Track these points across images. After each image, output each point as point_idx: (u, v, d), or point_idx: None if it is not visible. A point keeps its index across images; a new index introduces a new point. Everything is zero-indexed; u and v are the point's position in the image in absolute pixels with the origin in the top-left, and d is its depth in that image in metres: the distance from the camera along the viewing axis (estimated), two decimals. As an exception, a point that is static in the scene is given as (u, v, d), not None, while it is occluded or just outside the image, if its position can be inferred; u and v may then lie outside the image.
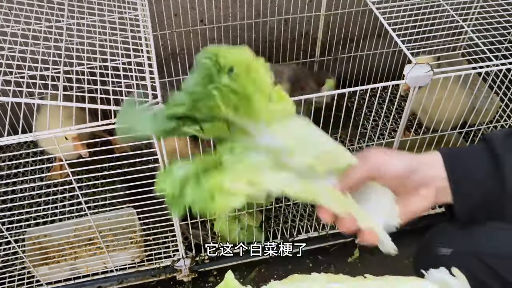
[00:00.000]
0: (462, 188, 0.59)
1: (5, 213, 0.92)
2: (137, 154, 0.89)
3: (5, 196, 1.17)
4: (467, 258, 0.72)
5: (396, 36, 0.96)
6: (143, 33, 0.90)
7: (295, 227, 1.24)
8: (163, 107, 0.54)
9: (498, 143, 0.59)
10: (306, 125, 0.56)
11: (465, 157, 0.61)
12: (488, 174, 0.58)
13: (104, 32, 0.90)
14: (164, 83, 1.44)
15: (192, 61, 1.44)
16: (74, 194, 0.89)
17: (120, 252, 1.13)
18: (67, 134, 1.01)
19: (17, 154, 1.24)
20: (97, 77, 0.87)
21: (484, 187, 0.59)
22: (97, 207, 1.23)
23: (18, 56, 0.80)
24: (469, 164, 0.60)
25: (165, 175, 0.53)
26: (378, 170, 0.59)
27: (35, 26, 0.89)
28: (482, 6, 1.13)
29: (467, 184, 0.59)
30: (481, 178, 0.59)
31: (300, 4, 1.36)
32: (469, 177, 0.59)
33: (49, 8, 0.92)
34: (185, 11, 1.32)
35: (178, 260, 1.15)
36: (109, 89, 0.77)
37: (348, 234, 0.60)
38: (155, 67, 0.84)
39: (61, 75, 0.76)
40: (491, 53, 0.94)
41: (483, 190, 0.59)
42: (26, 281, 1.11)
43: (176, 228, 1.03)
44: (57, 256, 1.13)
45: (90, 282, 1.14)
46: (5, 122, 0.84)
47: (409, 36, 0.98)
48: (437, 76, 0.89)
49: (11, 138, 0.75)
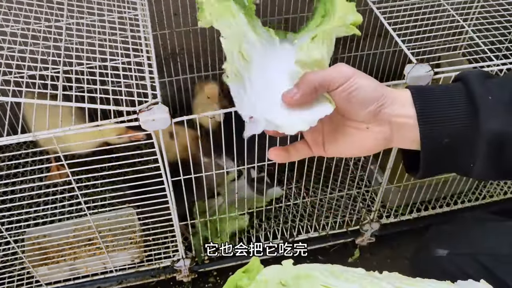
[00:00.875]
0: (432, 125, 0.53)
1: (4, 213, 0.92)
2: (137, 154, 0.89)
3: (4, 196, 1.16)
4: (463, 259, 0.72)
5: (396, 36, 0.96)
6: (143, 33, 0.89)
7: (295, 227, 1.24)
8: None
9: (475, 82, 0.54)
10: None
11: (437, 93, 0.55)
12: (462, 112, 0.53)
13: (103, 32, 0.89)
14: (164, 83, 1.44)
15: (192, 61, 1.44)
16: (73, 194, 0.89)
17: (119, 252, 1.13)
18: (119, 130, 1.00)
19: (16, 154, 1.23)
20: (96, 77, 0.86)
21: (456, 125, 0.53)
22: (96, 207, 1.23)
23: (17, 56, 0.79)
24: (442, 101, 0.54)
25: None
26: (342, 82, 0.52)
27: (34, 25, 0.89)
28: (483, 5, 1.13)
29: (437, 121, 0.53)
30: (454, 115, 0.53)
31: (300, 4, 1.36)
32: (441, 114, 0.53)
33: (49, 8, 0.92)
34: (185, 11, 1.31)
35: (177, 261, 1.15)
36: (109, 89, 0.77)
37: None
38: (154, 67, 0.84)
39: (61, 75, 0.76)
40: (491, 52, 0.94)
41: (456, 128, 0.53)
42: (25, 282, 1.11)
43: (176, 228, 1.03)
44: (57, 257, 1.13)
45: (90, 283, 1.14)
46: (4, 122, 0.84)
47: (409, 36, 0.98)
48: (437, 76, 0.89)
49: (10, 138, 0.75)
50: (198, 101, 1.35)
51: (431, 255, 0.77)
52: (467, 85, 0.54)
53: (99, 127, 0.78)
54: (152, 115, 0.77)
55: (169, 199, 0.95)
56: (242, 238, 1.22)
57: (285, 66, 0.57)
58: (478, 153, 0.54)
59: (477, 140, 0.53)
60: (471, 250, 0.72)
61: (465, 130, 0.53)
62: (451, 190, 1.30)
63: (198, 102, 1.34)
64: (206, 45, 1.41)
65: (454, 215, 1.31)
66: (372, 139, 0.56)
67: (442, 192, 1.29)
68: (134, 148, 1.19)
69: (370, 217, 1.25)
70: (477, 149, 0.53)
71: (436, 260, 0.76)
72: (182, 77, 1.44)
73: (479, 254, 0.71)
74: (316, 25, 0.65)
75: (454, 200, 1.33)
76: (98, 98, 0.76)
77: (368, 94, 0.53)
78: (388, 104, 0.54)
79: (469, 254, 0.72)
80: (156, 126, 0.78)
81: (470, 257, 0.72)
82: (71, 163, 0.84)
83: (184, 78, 1.45)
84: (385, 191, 1.20)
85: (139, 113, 0.76)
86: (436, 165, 0.56)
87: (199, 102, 1.34)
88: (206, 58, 1.45)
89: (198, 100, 1.35)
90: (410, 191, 1.24)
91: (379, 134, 0.55)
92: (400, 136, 0.55)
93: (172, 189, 0.93)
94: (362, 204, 1.30)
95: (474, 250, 0.72)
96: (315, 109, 0.53)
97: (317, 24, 0.65)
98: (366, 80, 0.54)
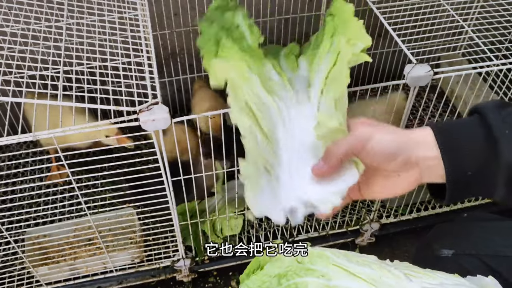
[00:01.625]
0: (455, 160, 0.56)
1: (4, 213, 0.92)
2: (137, 154, 0.89)
3: (4, 196, 1.16)
4: (468, 259, 0.72)
5: (396, 36, 0.96)
6: (143, 33, 0.89)
7: (295, 227, 1.24)
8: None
9: (491, 114, 0.56)
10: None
11: (457, 129, 0.57)
12: (481, 146, 0.56)
13: (103, 32, 0.89)
14: (164, 83, 1.44)
15: (192, 61, 1.44)
16: (73, 194, 0.89)
17: (120, 252, 1.13)
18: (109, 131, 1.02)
19: (16, 154, 1.24)
20: (96, 77, 0.86)
21: (477, 158, 0.56)
22: (96, 207, 1.23)
23: (17, 56, 0.80)
24: (462, 137, 0.57)
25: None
26: (363, 146, 0.55)
27: (34, 26, 0.89)
28: (483, 5, 1.13)
29: (460, 156, 0.56)
30: (475, 149, 0.56)
31: (300, 4, 1.36)
32: (462, 149, 0.56)
33: (49, 8, 0.92)
34: (185, 11, 1.31)
35: (178, 261, 1.15)
36: (109, 89, 0.77)
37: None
38: (155, 67, 0.84)
39: (61, 75, 0.76)
40: (491, 53, 0.94)
41: (477, 161, 0.56)
42: (25, 281, 1.11)
43: (176, 228, 1.03)
44: (57, 256, 1.13)
45: (90, 283, 1.14)
46: (4, 122, 0.84)
47: (409, 36, 0.98)
48: (437, 76, 0.89)
49: (10, 138, 0.75)
50: (196, 100, 1.35)
51: (434, 255, 0.77)
52: (485, 119, 0.56)
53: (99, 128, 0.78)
54: (152, 115, 0.77)
55: (169, 199, 0.95)
56: (242, 238, 1.22)
57: (306, 139, 0.59)
58: (499, 182, 0.56)
59: (497, 171, 0.55)
60: (476, 251, 0.72)
61: (485, 163, 0.56)
62: (451, 190, 1.30)
63: (196, 101, 1.35)
64: (206, 45, 1.41)
65: (454, 215, 1.31)
66: (404, 183, 0.60)
67: (442, 192, 1.29)
68: (134, 148, 1.19)
69: (370, 217, 1.25)
70: (498, 178, 0.56)
71: (440, 260, 0.76)
72: (182, 77, 1.45)
73: (484, 255, 0.71)
74: (326, 49, 0.65)
75: (454, 200, 1.33)
76: (98, 98, 0.76)
77: (391, 150, 0.56)
78: (413, 151, 0.56)
79: (473, 254, 0.72)
80: (156, 126, 0.78)
81: (475, 258, 0.72)
82: (71, 163, 0.84)
83: (184, 78, 1.45)
84: (385, 191, 1.20)
85: (139, 113, 0.76)
86: (461, 193, 0.59)
87: (197, 101, 1.35)
88: (206, 58, 1.45)
89: (196, 100, 1.35)
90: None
91: (411, 178, 0.59)
92: (429, 174, 0.58)
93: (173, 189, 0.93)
94: (362, 204, 1.30)
95: (479, 251, 0.72)
96: (342, 179, 0.57)
97: (327, 48, 0.65)
98: (386, 135, 0.56)
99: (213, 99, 1.33)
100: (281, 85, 0.62)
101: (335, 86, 0.62)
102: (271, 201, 0.57)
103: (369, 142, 0.55)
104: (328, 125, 0.59)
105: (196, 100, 1.35)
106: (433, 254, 0.77)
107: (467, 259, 0.72)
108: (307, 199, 0.57)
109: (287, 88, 0.62)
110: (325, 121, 0.59)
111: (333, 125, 0.58)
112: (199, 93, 1.37)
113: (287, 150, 0.59)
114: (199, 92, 1.37)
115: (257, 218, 0.54)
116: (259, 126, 0.58)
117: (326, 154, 0.57)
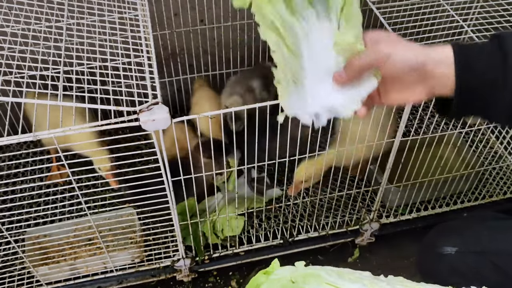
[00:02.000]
0: (467, 71, 0.59)
1: (5, 213, 0.92)
2: (137, 154, 0.89)
3: (5, 196, 1.16)
4: (473, 257, 0.72)
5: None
6: (143, 33, 0.90)
7: (295, 227, 1.24)
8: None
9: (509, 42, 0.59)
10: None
11: (475, 56, 0.60)
12: (495, 63, 0.59)
13: (104, 32, 0.90)
14: (164, 83, 1.44)
15: (192, 61, 1.44)
16: (74, 194, 0.89)
17: (120, 252, 1.13)
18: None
19: (17, 154, 1.24)
20: (97, 77, 0.87)
21: (489, 72, 0.59)
22: (96, 207, 1.24)
23: (18, 56, 0.80)
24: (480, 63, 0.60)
25: None
26: (385, 61, 0.59)
27: (35, 26, 0.89)
28: (482, 6, 1.14)
29: (472, 67, 0.59)
30: (486, 65, 0.59)
31: None
32: (475, 62, 0.59)
33: (49, 8, 0.92)
34: (185, 11, 1.31)
35: (178, 260, 1.15)
36: (109, 89, 0.77)
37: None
38: (155, 67, 0.84)
39: (61, 75, 0.76)
40: (491, 53, 0.94)
41: (488, 74, 0.59)
42: (26, 281, 1.11)
43: (176, 228, 1.03)
44: (57, 256, 1.13)
45: (90, 282, 1.14)
46: (5, 122, 0.84)
47: (409, 36, 0.98)
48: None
49: (11, 138, 0.75)
50: (196, 99, 1.35)
51: (438, 253, 0.77)
52: (501, 40, 0.59)
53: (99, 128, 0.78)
54: (153, 115, 0.77)
55: (169, 199, 0.95)
56: (242, 238, 1.22)
57: (327, 53, 0.65)
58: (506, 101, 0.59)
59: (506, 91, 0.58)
60: (480, 248, 0.73)
61: (495, 80, 0.58)
62: (451, 190, 1.30)
63: (196, 100, 1.35)
64: (206, 45, 1.41)
65: (454, 215, 1.31)
66: (420, 92, 0.62)
67: (442, 192, 1.29)
68: (134, 148, 1.19)
69: (369, 217, 1.25)
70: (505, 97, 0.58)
71: (444, 257, 0.76)
72: (182, 77, 1.45)
73: (488, 253, 0.71)
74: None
75: (453, 200, 1.33)
76: (99, 98, 0.76)
77: (412, 66, 0.59)
78: (432, 68, 0.60)
79: (479, 252, 0.72)
80: (156, 126, 0.78)
81: (480, 255, 0.72)
82: (71, 163, 0.84)
83: (184, 78, 1.45)
84: (385, 191, 1.20)
85: (140, 113, 0.76)
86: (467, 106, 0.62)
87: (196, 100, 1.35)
88: (206, 58, 1.45)
89: (196, 99, 1.36)
90: (410, 191, 1.24)
91: (426, 89, 0.62)
92: (443, 86, 0.61)
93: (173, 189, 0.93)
94: (361, 204, 1.30)
95: (483, 248, 0.72)
96: (362, 86, 0.63)
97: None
98: (408, 52, 0.60)
99: (212, 98, 1.33)
100: (303, 5, 0.67)
101: (350, 4, 0.68)
102: (299, 105, 0.63)
103: (391, 57, 0.59)
104: (347, 40, 0.64)
105: (195, 99, 1.36)
106: (437, 251, 0.78)
107: (472, 257, 0.72)
108: (331, 105, 0.63)
109: (308, 8, 0.67)
110: (344, 37, 0.65)
111: (351, 40, 0.64)
112: (199, 92, 1.37)
113: (311, 63, 0.64)
114: (199, 91, 1.37)
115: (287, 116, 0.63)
116: (284, 43, 0.63)
117: (348, 65, 0.62)
